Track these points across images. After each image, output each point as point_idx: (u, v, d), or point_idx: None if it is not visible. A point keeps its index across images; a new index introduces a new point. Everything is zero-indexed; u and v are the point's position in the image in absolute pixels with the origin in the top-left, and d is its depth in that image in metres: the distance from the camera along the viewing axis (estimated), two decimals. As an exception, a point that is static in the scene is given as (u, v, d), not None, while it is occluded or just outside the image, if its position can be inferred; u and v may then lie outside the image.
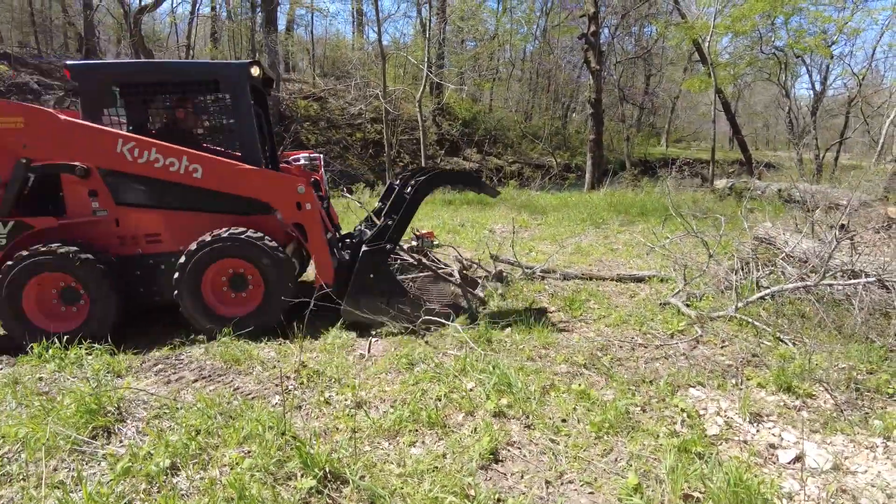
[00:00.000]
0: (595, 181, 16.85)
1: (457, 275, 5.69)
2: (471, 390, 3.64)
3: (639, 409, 3.50)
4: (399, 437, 3.12)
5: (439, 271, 5.65)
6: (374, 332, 4.87)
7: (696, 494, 2.65)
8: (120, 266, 4.87)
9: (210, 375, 4.09)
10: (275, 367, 4.12)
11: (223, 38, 26.66)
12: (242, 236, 4.79)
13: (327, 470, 2.70)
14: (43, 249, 4.52)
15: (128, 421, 3.32)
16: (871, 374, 3.97)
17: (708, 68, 17.42)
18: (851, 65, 22.47)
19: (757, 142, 33.57)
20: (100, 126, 4.76)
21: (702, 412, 3.46)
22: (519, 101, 28.64)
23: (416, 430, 3.19)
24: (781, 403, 3.62)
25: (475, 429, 3.19)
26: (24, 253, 4.52)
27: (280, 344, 4.60)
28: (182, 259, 4.78)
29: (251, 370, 4.15)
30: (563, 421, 3.34)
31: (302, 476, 2.69)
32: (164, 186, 4.85)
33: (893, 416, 3.42)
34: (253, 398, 3.67)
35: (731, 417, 3.40)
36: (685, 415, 3.40)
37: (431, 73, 17.24)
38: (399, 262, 5.84)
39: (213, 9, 26.23)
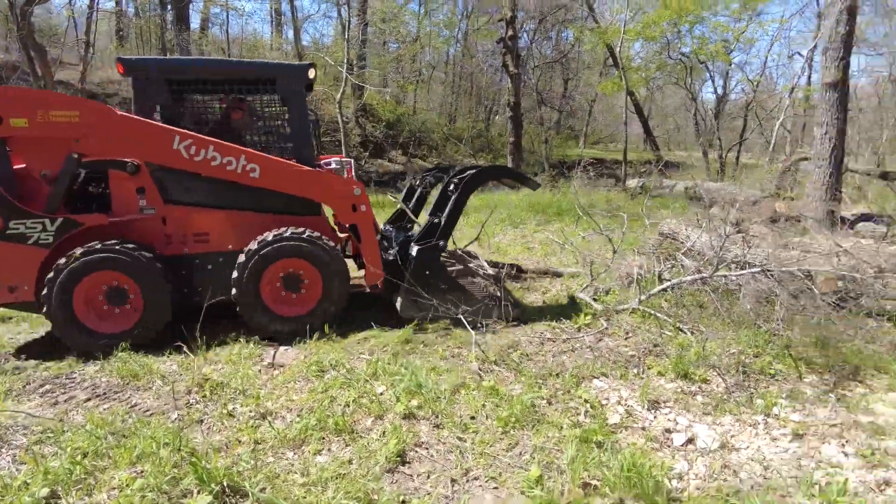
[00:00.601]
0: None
1: (489, 271, 5.71)
2: (381, 394, 3.62)
3: (545, 402, 3.60)
4: (304, 447, 3.06)
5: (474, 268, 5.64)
6: (294, 342, 4.74)
7: (594, 482, 2.75)
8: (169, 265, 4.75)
9: (105, 393, 3.85)
10: (176, 381, 3.93)
11: (130, 35, 25.17)
12: (304, 235, 4.82)
13: (225, 484, 2.60)
14: (99, 247, 4.38)
15: (2, 450, 3.06)
16: (757, 357, 4.27)
17: (620, 72, 18.22)
18: (748, 71, 24.15)
19: (669, 142, 35.48)
20: (156, 122, 4.70)
21: (604, 402, 3.61)
22: (442, 104, 28.86)
23: (323, 438, 3.13)
24: (679, 390, 3.83)
25: (384, 432, 3.17)
26: (81, 250, 4.36)
27: (184, 357, 4.38)
28: (242, 258, 4.74)
29: (150, 385, 3.94)
30: (472, 418, 3.38)
31: (198, 493, 2.58)
32: (218, 185, 4.81)
33: (773, 395, 3.70)
34: (151, 415, 3.49)
35: (632, 406, 3.57)
36: (588, 405, 3.54)
37: (352, 74, 17.04)
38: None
39: (117, 3, 24.73)
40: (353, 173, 6.32)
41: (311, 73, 5.17)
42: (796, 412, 3.53)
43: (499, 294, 5.21)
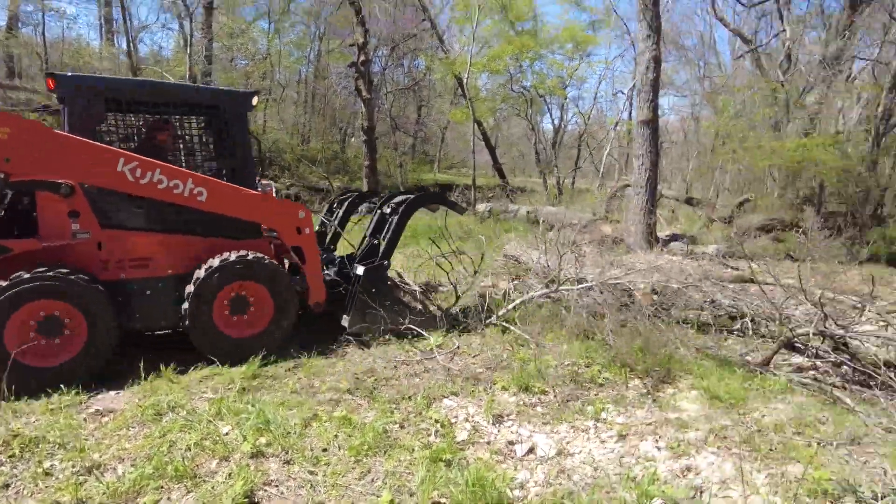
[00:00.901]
0: (371, 205, 17.31)
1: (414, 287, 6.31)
2: (226, 434, 3.44)
3: (398, 426, 3.66)
4: (140, 499, 2.81)
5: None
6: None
7: (443, 500, 2.86)
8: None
9: None
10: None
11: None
12: (251, 258, 4.82)
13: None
14: (28, 276, 4.02)
15: None
16: (588, 366, 4.73)
17: (468, 102, 19.23)
18: (580, 106, 26.84)
19: (515, 169, 38.02)
20: (99, 143, 4.47)
21: (453, 420, 3.76)
22: (295, 124, 28.21)
23: (162, 487, 2.90)
24: (521, 402, 4.11)
25: (229, 474, 3.01)
26: (13, 279, 3.99)
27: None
28: (191, 287, 4.64)
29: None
30: (324, 450, 3.34)
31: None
32: (158, 208, 4.68)
33: (602, 401, 4.12)
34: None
35: (478, 421, 3.76)
36: (439, 425, 3.66)
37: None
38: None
39: None
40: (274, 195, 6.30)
41: (255, 101, 5.26)
42: (621, 415, 3.97)
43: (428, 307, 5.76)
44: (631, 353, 4.99)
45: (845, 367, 4.45)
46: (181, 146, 5.49)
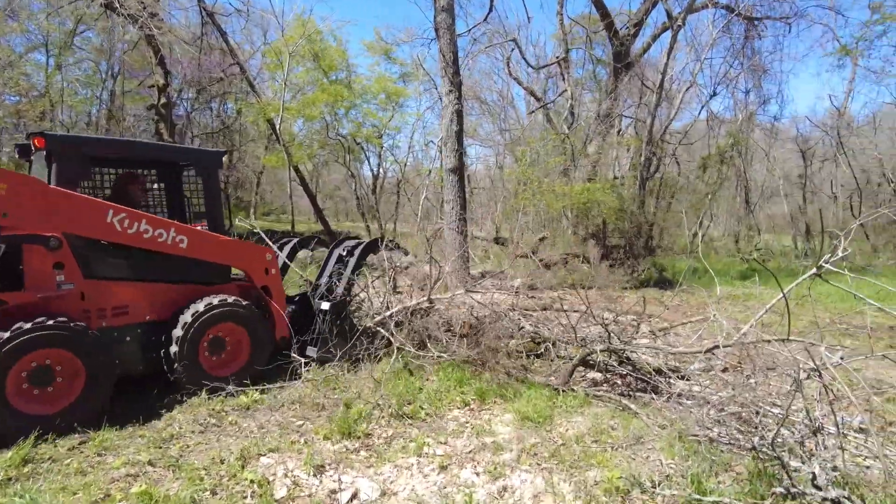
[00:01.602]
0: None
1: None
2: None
3: (208, 493, 3.34)
4: None
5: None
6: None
7: (260, 565, 2.65)
8: None
9: None
10: None
11: None
12: (232, 301, 5.22)
13: None
14: (29, 326, 4.06)
15: None
16: (410, 403, 4.80)
17: (282, 147, 18.89)
18: (396, 154, 27.88)
19: (339, 214, 37.94)
20: (88, 196, 4.72)
21: (271, 478, 3.53)
22: (85, 170, 25.13)
23: None
24: (343, 449, 4.01)
25: (-15, 585, 2.47)
26: (14, 330, 4.00)
27: None
28: (178, 331, 4.91)
29: None
30: (119, 534, 2.91)
31: None
32: (145, 257, 4.91)
33: (422, 436, 4.19)
34: None
35: (298, 475, 3.58)
36: (255, 485, 3.42)
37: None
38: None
39: None
40: None
41: (224, 159, 5.98)
42: (441, 447, 4.07)
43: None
44: (451, 385, 5.21)
45: (629, 377, 5.11)
46: (160, 198, 5.92)
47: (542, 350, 6.22)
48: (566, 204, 14.80)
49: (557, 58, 21.70)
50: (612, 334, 5.23)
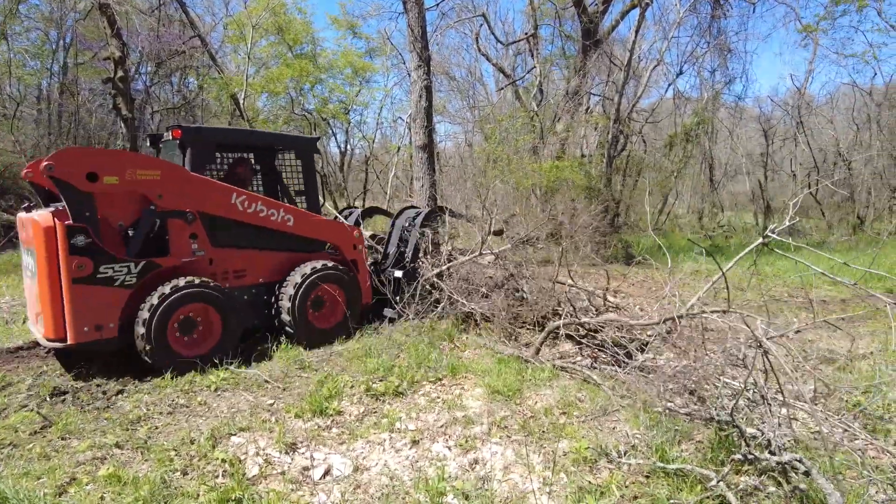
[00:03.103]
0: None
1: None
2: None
3: (179, 473, 3.31)
4: None
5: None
6: None
7: (233, 542, 2.66)
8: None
9: None
10: None
11: None
12: (331, 265, 6.14)
13: None
14: (183, 284, 5.05)
15: None
16: (382, 380, 4.82)
17: (246, 123, 18.43)
18: (364, 130, 27.45)
19: (304, 192, 37.34)
20: (220, 182, 5.66)
21: (242, 457, 3.53)
22: (37, 146, 24.06)
23: None
24: (315, 427, 4.02)
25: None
26: (172, 286, 4.99)
27: None
28: (290, 290, 5.82)
29: None
30: (87, 516, 2.87)
31: None
32: (259, 231, 5.81)
33: (394, 411, 4.23)
34: None
35: (270, 454, 3.58)
36: (227, 465, 3.40)
37: None
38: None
39: None
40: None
41: (319, 144, 6.83)
42: (413, 421, 4.12)
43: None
44: (420, 363, 5.24)
45: (597, 350, 5.23)
46: (270, 180, 6.68)
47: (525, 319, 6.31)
48: (535, 182, 14.87)
49: (526, 34, 21.60)
50: (576, 309, 5.33)
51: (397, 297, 6.68)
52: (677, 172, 21.84)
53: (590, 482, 3.25)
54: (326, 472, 3.40)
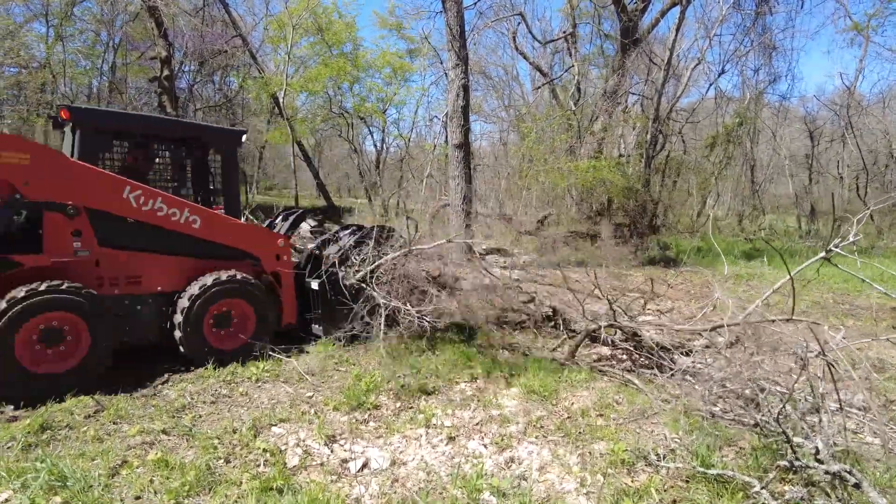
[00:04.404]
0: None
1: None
2: (6, 501, 2.91)
3: (222, 461, 3.41)
4: None
5: None
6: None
7: (276, 529, 2.73)
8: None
9: None
10: None
11: None
12: (239, 277, 5.28)
13: None
14: (43, 288, 4.27)
15: None
16: (417, 377, 4.86)
17: (286, 121, 18.77)
18: (400, 127, 27.68)
19: (341, 189, 37.80)
20: (108, 172, 4.95)
21: (283, 447, 3.61)
22: (87, 143, 25.03)
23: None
24: (353, 420, 4.09)
25: (11, 545, 2.56)
26: (25, 291, 4.20)
27: None
28: (185, 302, 5.00)
29: None
30: (137, 498, 2.99)
31: None
32: (157, 232, 5.03)
33: (429, 408, 4.27)
34: None
35: (310, 445, 3.66)
36: (268, 454, 3.49)
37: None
38: None
39: None
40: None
41: (244, 138, 6.10)
42: (449, 418, 4.14)
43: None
44: (457, 361, 5.27)
45: (634, 353, 5.17)
46: (198, 177, 6.03)
47: (553, 325, 6.28)
48: (572, 182, 14.74)
49: (564, 33, 21.41)
50: (616, 311, 5.27)
51: (319, 311, 5.88)
52: (717, 174, 21.34)
53: (627, 484, 3.23)
54: (364, 465, 3.45)
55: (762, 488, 2.82)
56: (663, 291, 9.45)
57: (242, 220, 6.10)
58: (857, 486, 2.65)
